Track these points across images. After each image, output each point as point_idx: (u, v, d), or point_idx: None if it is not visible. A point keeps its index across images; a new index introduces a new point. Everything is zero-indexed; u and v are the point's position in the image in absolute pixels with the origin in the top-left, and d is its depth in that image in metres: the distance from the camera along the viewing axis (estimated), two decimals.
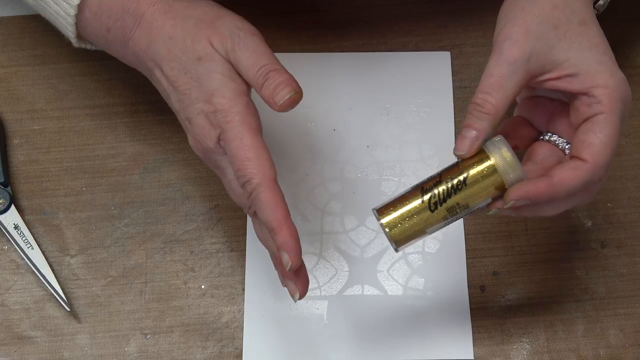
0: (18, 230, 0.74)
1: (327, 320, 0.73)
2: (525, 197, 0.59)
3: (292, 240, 0.61)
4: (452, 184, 0.60)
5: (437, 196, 0.60)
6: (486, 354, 0.72)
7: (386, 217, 0.61)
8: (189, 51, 0.63)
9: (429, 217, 0.61)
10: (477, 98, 0.60)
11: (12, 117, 0.79)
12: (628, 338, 0.72)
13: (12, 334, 0.73)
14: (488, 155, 0.60)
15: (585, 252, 0.75)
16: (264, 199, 0.60)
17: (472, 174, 0.60)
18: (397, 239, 0.61)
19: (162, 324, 0.73)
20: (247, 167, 0.61)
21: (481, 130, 0.60)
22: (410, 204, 0.61)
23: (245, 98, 0.63)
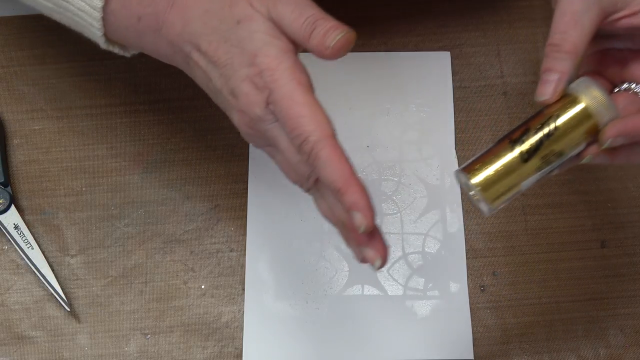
0: (18, 230, 0.74)
1: (327, 320, 0.73)
2: (623, 134, 0.56)
3: (363, 197, 0.55)
4: (543, 130, 0.56)
5: (527, 145, 0.56)
6: (486, 354, 0.72)
7: (477, 177, 0.56)
8: (227, 17, 0.58)
9: (523, 170, 0.56)
10: (554, 38, 0.58)
11: (12, 117, 0.79)
12: (628, 338, 0.72)
13: (12, 334, 0.73)
14: (577, 97, 0.57)
15: (585, 252, 0.75)
16: (325, 156, 0.55)
17: (563, 118, 0.56)
18: (492, 198, 0.56)
19: (162, 324, 0.73)
20: (303, 124, 0.55)
21: (564, 72, 0.57)
22: (501, 158, 0.56)
23: (292, 55, 0.57)
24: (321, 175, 0.56)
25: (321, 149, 0.55)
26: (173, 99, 0.80)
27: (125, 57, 0.75)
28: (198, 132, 0.79)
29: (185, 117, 0.79)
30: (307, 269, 0.74)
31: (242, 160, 0.78)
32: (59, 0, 0.63)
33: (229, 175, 0.78)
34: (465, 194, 0.55)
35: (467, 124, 0.79)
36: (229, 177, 0.78)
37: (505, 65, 0.81)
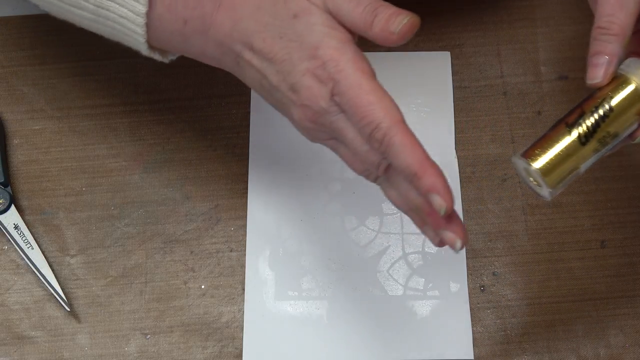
0: (18, 230, 0.74)
1: (327, 320, 0.73)
2: None
3: (440, 179, 0.55)
4: (598, 113, 0.57)
5: (586, 128, 0.57)
6: (486, 354, 0.72)
7: (537, 162, 0.57)
8: (282, 12, 0.58)
9: (581, 152, 0.58)
10: (602, 21, 0.58)
11: (12, 117, 0.79)
12: (628, 338, 0.72)
13: (12, 334, 0.73)
14: (627, 77, 0.58)
15: (585, 252, 0.75)
16: (399, 142, 0.55)
17: (616, 100, 0.58)
18: (554, 182, 0.58)
19: (162, 324, 0.73)
20: (372, 111, 0.55)
21: (613, 54, 0.58)
22: (559, 142, 0.58)
23: (353, 45, 0.58)
24: (395, 162, 0.56)
25: (394, 135, 0.55)
26: (173, 99, 0.80)
27: (126, 57, 0.75)
28: (198, 132, 0.79)
29: (185, 117, 0.79)
30: (307, 269, 0.74)
31: (242, 160, 0.78)
32: (98, 9, 0.62)
33: (229, 175, 0.78)
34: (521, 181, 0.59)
35: (467, 124, 0.79)
36: (229, 177, 0.78)
37: (505, 65, 0.81)
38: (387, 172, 0.59)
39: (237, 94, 0.80)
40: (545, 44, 0.82)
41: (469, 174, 0.77)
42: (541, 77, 0.81)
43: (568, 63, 0.81)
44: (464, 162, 0.78)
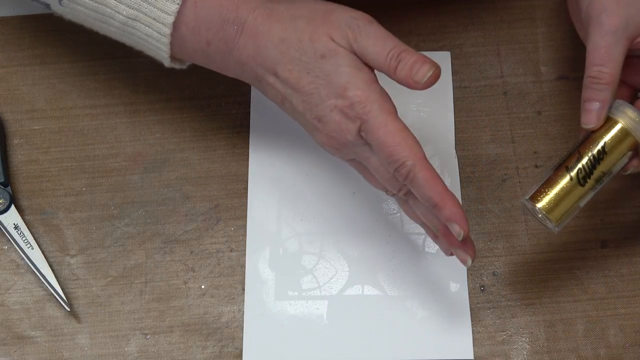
0: (18, 230, 0.74)
1: (327, 320, 0.73)
2: None
3: (459, 210, 0.62)
4: (594, 155, 0.65)
5: (583, 171, 0.65)
6: (486, 354, 0.72)
7: (541, 202, 0.65)
8: (309, 50, 0.62)
9: (580, 192, 0.65)
10: (592, 71, 0.64)
11: (12, 117, 0.79)
12: (628, 338, 0.72)
13: (12, 334, 0.73)
14: (616, 120, 0.65)
15: (585, 252, 0.75)
16: (422, 178, 0.61)
17: (608, 142, 0.65)
18: (558, 219, 0.65)
19: (162, 324, 0.73)
20: (399, 151, 0.61)
21: (604, 101, 0.64)
22: (560, 185, 0.65)
23: (377, 85, 0.63)
24: (418, 193, 0.63)
25: (418, 172, 0.61)
26: (173, 99, 0.80)
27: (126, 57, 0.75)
28: (198, 132, 0.79)
29: (185, 117, 0.79)
30: (307, 269, 0.74)
31: (242, 160, 0.78)
32: (125, 27, 0.65)
33: (229, 175, 0.78)
34: (531, 216, 0.69)
35: (467, 124, 0.79)
36: (229, 177, 0.78)
37: (505, 65, 0.81)
38: (406, 195, 0.65)
39: (237, 94, 0.80)
40: (545, 44, 0.82)
41: (469, 174, 0.77)
42: (541, 77, 0.81)
43: (568, 63, 0.81)
44: (464, 162, 0.78)
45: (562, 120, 0.79)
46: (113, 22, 0.65)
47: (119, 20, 0.65)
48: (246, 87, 0.80)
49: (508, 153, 0.78)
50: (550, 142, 0.79)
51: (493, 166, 0.78)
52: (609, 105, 0.64)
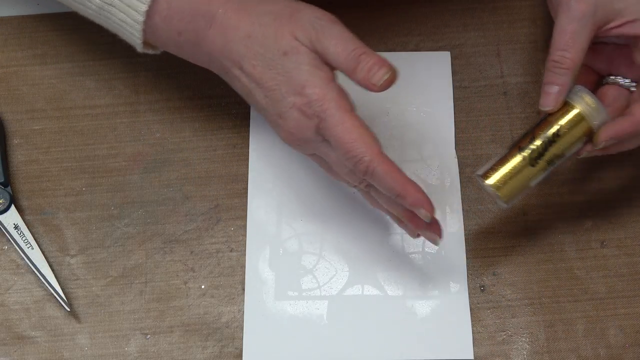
0: (18, 230, 0.74)
1: (327, 320, 0.73)
2: (614, 137, 0.65)
3: (422, 195, 0.64)
4: (547, 137, 0.65)
5: (535, 151, 0.65)
6: (486, 354, 0.72)
7: (492, 179, 0.66)
8: (272, 47, 0.64)
9: (531, 173, 0.66)
10: (555, 55, 0.65)
11: (12, 117, 0.79)
12: (628, 338, 0.72)
13: (12, 334, 0.73)
14: (573, 105, 0.65)
15: (585, 252, 0.75)
16: (381, 171, 0.63)
17: (563, 125, 0.65)
18: (507, 196, 0.66)
19: (162, 324, 0.73)
20: (356, 147, 0.62)
21: (563, 85, 0.65)
22: (511, 163, 0.66)
23: (335, 84, 0.64)
24: (379, 185, 0.64)
25: (376, 166, 0.63)
26: (173, 99, 0.80)
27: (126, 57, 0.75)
28: (198, 132, 0.79)
29: (185, 117, 0.79)
30: (307, 269, 0.74)
31: (242, 160, 0.78)
32: (101, 11, 0.67)
33: (229, 175, 0.78)
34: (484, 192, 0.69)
35: (467, 124, 0.79)
36: (229, 177, 0.78)
37: (505, 65, 0.81)
38: (367, 187, 0.67)
39: (237, 94, 0.80)
40: (545, 44, 0.82)
41: (469, 174, 0.77)
42: (541, 77, 0.80)
43: None
44: (464, 162, 0.78)
45: None
46: (90, 5, 0.67)
47: (95, 4, 0.67)
48: None
49: None
50: None
51: None
52: (567, 89, 0.65)
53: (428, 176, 0.77)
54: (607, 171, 0.78)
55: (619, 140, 0.66)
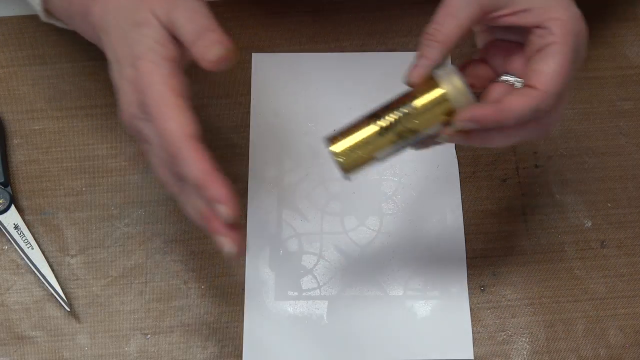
0: (18, 230, 0.74)
1: (327, 320, 0.73)
2: (472, 119, 0.60)
3: (225, 190, 0.59)
4: (403, 110, 0.61)
5: (386, 121, 0.61)
6: (486, 354, 0.72)
7: (336, 145, 0.61)
8: (129, 17, 0.62)
9: (378, 143, 0.61)
10: (430, 28, 0.62)
11: (12, 117, 0.79)
12: (628, 338, 0.72)
13: (12, 334, 0.73)
14: (438, 82, 0.61)
15: (585, 252, 0.75)
16: (186, 156, 0.58)
17: (422, 101, 0.61)
18: (348, 165, 0.61)
19: (162, 324, 0.73)
20: (167, 123, 0.58)
21: (431, 59, 0.61)
22: (361, 131, 0.61)
23: (172, 64, 0.61)
24: (184, 172, 0.59)
25: (182, 147, 0.58)
26: None
27: None
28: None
29: None
30: (307, 269, 0.74)
31: (242, 160, 0.78)
32: None
33: (229, 175, 0.77)
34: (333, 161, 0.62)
35: None
36: (229, 177, 0.77)
37: None
38: (180, 187, 0.62)
39: (237, 94, 0.80)
40: None
41: (469, 174, 0.77)
42: None
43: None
44: (464, 162, 0.78)
45: (562, 120, 0.79)
46: None
47: None
48: (246, 87, 0.81)
49: (508, 153, 0.78)
50: (550, 142, 0.79)
51: (493, 166, 0.78)
52: (434, 64, 0.61)
53: (428, 176, 0.77)
54: (607, 171, 0.78)
55: (480, 125, 0.60)
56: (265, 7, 0.83)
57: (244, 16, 0.83)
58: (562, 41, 0.60)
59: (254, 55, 0.82)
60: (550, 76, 0.60)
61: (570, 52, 0.61)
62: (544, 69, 0.60)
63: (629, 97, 0.80)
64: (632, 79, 0.81)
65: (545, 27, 0.61)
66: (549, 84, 0.60)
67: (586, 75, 0.81)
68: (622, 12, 0.83)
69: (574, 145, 0.79)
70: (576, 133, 0.79)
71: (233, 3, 0.84)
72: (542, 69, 0.60)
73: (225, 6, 0.83)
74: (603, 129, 0.79)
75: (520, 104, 0.60)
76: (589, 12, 0.84)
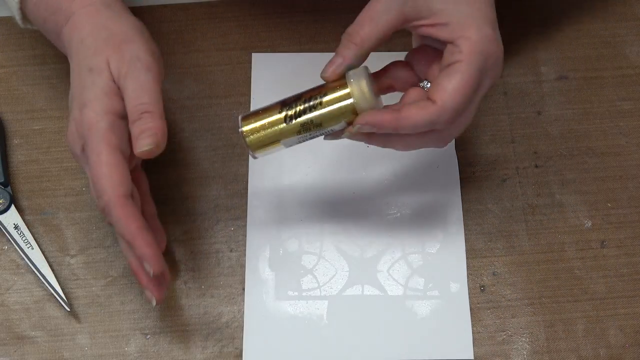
0: (18, 230, 0.74)
1: (327, 320, 0.73)
2: (370, 124, 0.63)
3: (149, 250, 0.63)
4: (310, 103, 0.64)
5: (293, 110, 0.64)
6: (486, 354, 0.72)
7: (246, 125, 0.65)
8: (87, 60, 0.65)
9: (283, 129, 0.65)
10: (350, 28, 0.64)
11: (12, 117, 0.79)
12: (628, 338, 0.72)
13: (12, 334, 0.73)
14: (347, 84, 0.64)
15: (585, 252, 0.75)
16: (115, 215, 0.62)
17: (329, 97, 0.64)
18: (253, 145, 0.65)
19: (162, 324, 0.73)
20: (100, 183, 0.62)
21: (346, 58, 0.63)
22: (269, 115, 0.65)
23: (113, 117, 0.64)
24: (115, 228, 0.64)
25: (112, 207, 0.62)
26: (173, 99, 0.80)
27: None
28: (198, 132, 0.79)
29: (185, 117, 0.79)
30: (307, 269, 0.74)
31: (242, 160, 0.78)
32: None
33: (229, 175, 0.78)
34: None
35: None
36: (229, 177, 0.78)
37: (505, 65, 0.81)
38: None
39: (237, 94, 0.80)
40: (545, 44, 0.82)
41: (469, 174, 0.77)
42: (541, 77, 0.81)
43: (568, 63, 0.81)
44: (464, 162, 0.78)
45: (562, 120, 0.79)
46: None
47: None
48: (246, 87, 0.80)
49: (508, 153, 0.78)
50: (550, 142, 0.79)
51: (493, 166, 0.78)
52: (348, 63, 0.63)
53: (428, 176, 0.77)
54: (607, 171, 0.78)
55: (377, 129, 0.63)
56: (265, 7, 0.83)
57: (244, 16, 0.83)
58: (468, 60, 0.62)
59: (254, 55, 0.82)
60: (450, 93, 0.62)
61: (475, 72, 0.62)
62: (446, 86, 0.62)
63: (629, 97, 0.80)
64: (632, 79, 0.81)
65: (456, 44, 0.62)
66: (447, 100, 0.62)
67: (586, 75, 0.81)
68: (622, 12, 0.83)
69: (574, 145, 0.79)
70: (576, 133, 0.79)
71: (233, 3, 0.84)
72: (444, 85, 0.62)
73: (225, 6, 0.83)
74: (603, 129, 0.79)
75: (416, 116, 0.62)
76: (589, 12, 0.85)
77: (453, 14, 0.62)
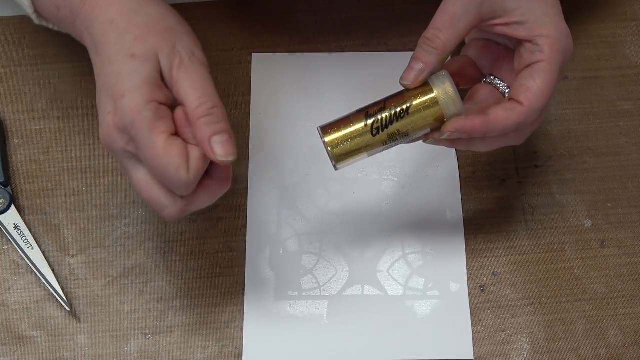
0: (18, 230, 0.74)
1: (327, 320, 0.73)
2: (460, 131, 0.62)
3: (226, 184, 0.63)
4: (395, 111, 0.63)
5: (379, 122, 0.63)
6: (486, 354, 0.72)
7: (330, 136, 0.64)
8: (126, 44, 0.59)
9: (369, 141, 0.63)
10: (429, 33, 0.63)
11: (12, 117, 0.79)
12: (628, 338, 0.72)
13: (12, 334, 0.73)
14: (432, 88, 0.63)
15: (585, 252, 0.75)
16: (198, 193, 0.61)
17: (414, 104, 0.63)
18: (338, 157, 0.64)
19: (162, 324, 0.73)
20: (168, 172, 0.58)
21: (428, 64, 0.63)
22: (353, 126, 0.63)
23: (155, 105, 0.58)
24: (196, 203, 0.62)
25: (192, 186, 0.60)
26: None
27: None
28: None
29: None
30: (307, 269, 0.74)
31: (242, 160, 0.78)
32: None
33: None
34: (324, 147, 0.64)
35: None
36: None
37: None
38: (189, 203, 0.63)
39: (237, 94, 0.80)
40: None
41: (469, 174, 0.77)
42: None
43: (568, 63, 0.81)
44: (464, 162, 0.78)
45: (562, 120, 0.79)
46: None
47: None
48: (246, 87, 0.80)
49: (508, 153, 0.78)
50: (550, 142, 0.79)
51: (493, 166, 0.78)
52: (431, 69, 0.63)
53: (428, 176, 0.77)
54: (607, 171, 0.78)
55: (466, 135, 0.63)
56: (265, 7, 0.83)
57: (244, 16, 0.83)
58: (550, 59, 0.62)
59: (254, 55, 0.82)
60: (537, 93, 0.62)
61: (557, 70, 0.63)
62: (531, 86, 0.62)
63: (629, 97, 0.80)
64: (632, 79, 0.81)
65: (536, 43, 0.62)
66: (534, 101, 0.62)
67: (586, 75, 0.81)
68: (622, 12, 0.83)
69: (574, 145, 0.79)
70: (576, 133, 0.79)
71: (233, 3, 0.84)
72: (529, 86, 0.62)
73: (225, 6, 0.83)
74: (603, 129, 0.79)
75: (506, 118, 0.62)
76: (589, 12, 0.85)
77: (528, 12, 0.62)
